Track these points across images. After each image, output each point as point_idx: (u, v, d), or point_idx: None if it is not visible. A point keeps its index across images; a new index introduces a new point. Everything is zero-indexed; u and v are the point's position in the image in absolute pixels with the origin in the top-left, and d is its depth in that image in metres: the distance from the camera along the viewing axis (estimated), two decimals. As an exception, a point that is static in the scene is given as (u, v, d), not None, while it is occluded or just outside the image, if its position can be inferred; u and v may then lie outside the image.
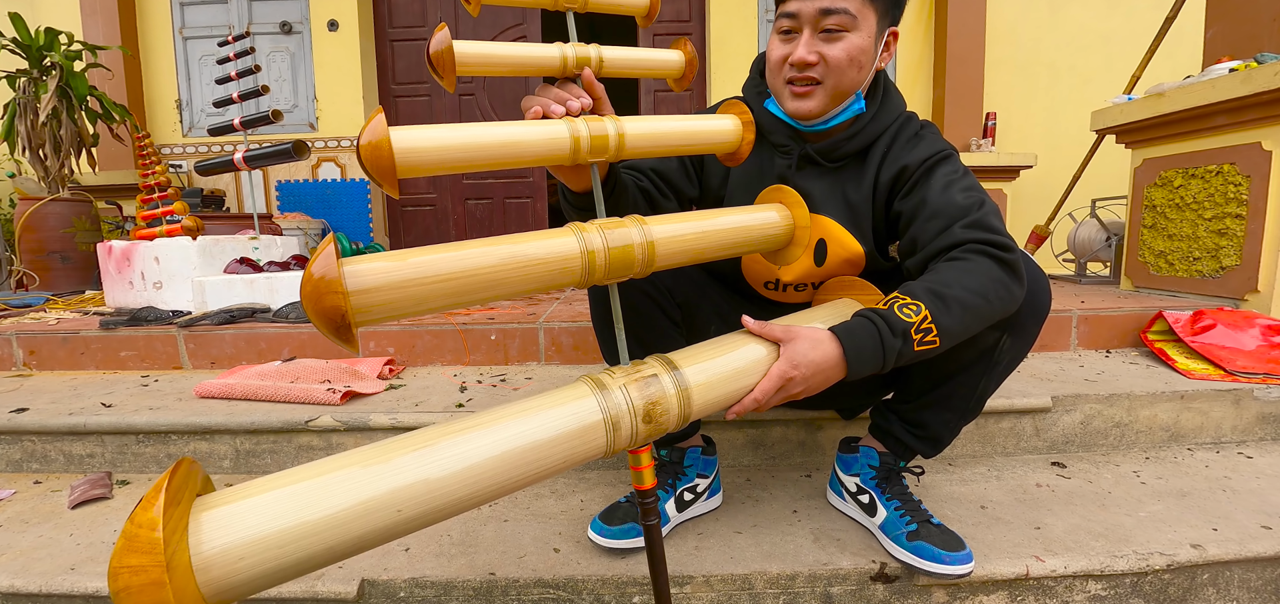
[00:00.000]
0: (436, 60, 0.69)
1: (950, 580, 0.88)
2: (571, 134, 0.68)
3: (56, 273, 2.95)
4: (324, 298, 0.50)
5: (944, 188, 0.85)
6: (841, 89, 0.88)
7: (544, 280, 0.63)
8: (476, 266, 0.59)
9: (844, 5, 0.83)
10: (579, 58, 0.76)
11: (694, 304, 1.01)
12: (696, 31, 3.85)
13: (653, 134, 0.76)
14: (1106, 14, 3.76)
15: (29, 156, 2.94)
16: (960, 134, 3.63)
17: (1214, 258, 1.86)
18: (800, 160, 0.94)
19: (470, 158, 0.63)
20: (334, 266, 0.50)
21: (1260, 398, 1.37)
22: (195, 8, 3.72)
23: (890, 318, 0.74)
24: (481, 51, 0.71)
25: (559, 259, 0.63)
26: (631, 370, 0.66)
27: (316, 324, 0.50)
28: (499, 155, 0.64)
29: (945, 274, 0.77)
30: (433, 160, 0.60)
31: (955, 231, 0.81)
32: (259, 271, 1.95)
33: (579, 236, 0.65)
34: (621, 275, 0.69)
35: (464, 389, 1.47)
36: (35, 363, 1.77)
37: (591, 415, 0.60)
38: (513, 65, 0.73)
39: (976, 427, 1.31)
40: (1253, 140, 1.73)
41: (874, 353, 0.73)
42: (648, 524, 0.71)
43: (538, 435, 0.57)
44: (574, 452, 0.59)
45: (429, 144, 0.60)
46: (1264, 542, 0.97)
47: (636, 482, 0.70)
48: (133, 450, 1.31)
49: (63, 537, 1.05)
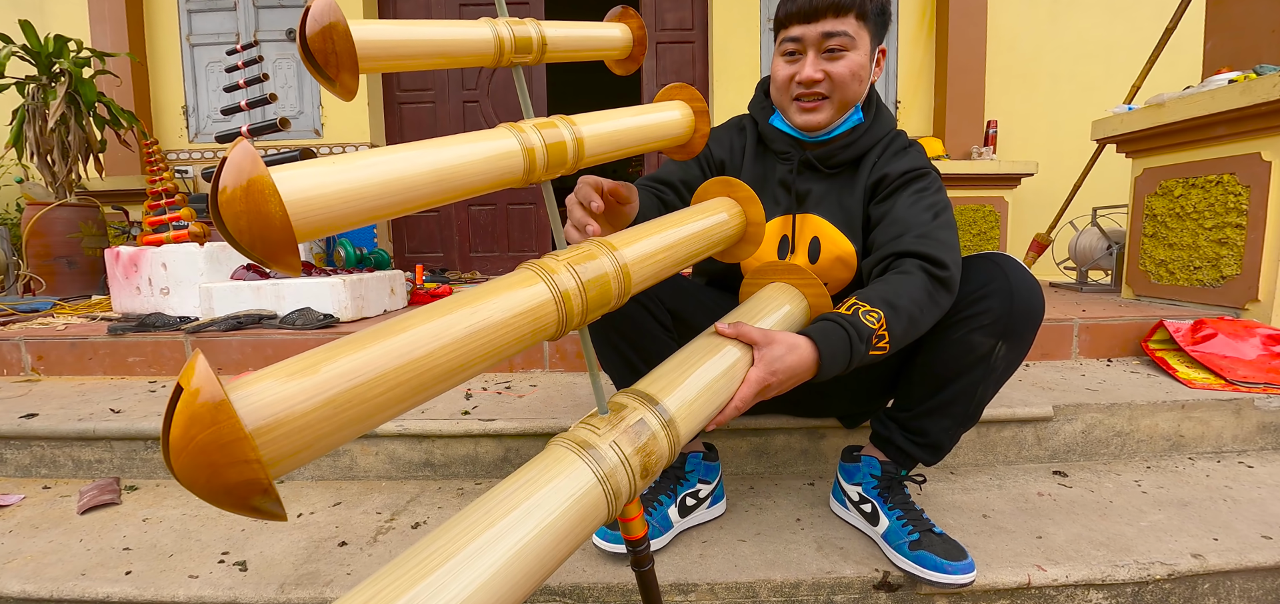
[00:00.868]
0: (318, 49, 0.44)
1: (953, 589, 0.89)
2: (523, 148, 0.54)
3: (63, 278, 2.97)
4: (225, 472, 0.32)
5: (910, 203, 0.94)
6: (846, 101, 0.98)
7: (515, 346, 0.51)
8: (430, 359, 0.44)
9: (843, 28, 0.93)
10: (518, 38, 0.59)
11: (685, 309, 1.02)
12: (699, 40, 3.87)
13: (612, 134, 0.65)
14: (1107, 23, 3.78)
15: (37, 162, 2.96)
16: (961, 142, 3.64)
17: (1215, 267, 1.86)
18: (800, 165, 1.04)
19: (390, 203, 0.44)
20: (227, 416, 0.32)
21: (1261, 407, 1.38)
22: (202, 15, 3.76)
23: (857, 324, 0.80)
24: (392, 36, 0.50)
25: (529, 314, 0.51)
26: (614, 419, 0.58)
27: (229, 508, 0.34)
28: (431, 192, 0.47)
29: (893, 284, 0.85)
30: (344, 212, 0.41)
31: (903, 243, 0.90)
32: (266, 278, 1.96)
33: (548, 280, 0.54)
34: (602, 311, 0.60)
35: (469, 397, 1.48)
36: (43, 368, 1.78)
37: (593, 491, 0.51)
38: (435, 53, 0.54)
39: (978, 435, 1.32)
40: (1252, 151, 1.74)
41: (843, 356, 0.78)
42: (640, 571, 0.68)
43: (555, 533, 0.47)
44: (583, 536, 0.50)
45: (331, 189, 0.40)
46: (1264, 551, 0.98)
47: (625, 533, 0.64)
48: (141, 456, 1.33)
49: (73, 542, 1.06)
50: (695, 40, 3.87)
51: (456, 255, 4.04)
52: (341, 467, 1.30)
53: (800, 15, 0.94)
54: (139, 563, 0.99)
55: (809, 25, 0.93)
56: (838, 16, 0.92)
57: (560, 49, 0.64)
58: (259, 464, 0.32)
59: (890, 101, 3.86)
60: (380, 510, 1.16)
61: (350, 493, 1.23)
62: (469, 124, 3.94)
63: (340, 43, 0.44)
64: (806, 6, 0.92)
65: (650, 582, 0.68)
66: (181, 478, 0.32)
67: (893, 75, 3.85)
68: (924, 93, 3.83)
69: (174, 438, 0.31)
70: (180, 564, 0.99)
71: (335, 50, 0.44)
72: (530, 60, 0.61)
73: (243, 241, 0.35)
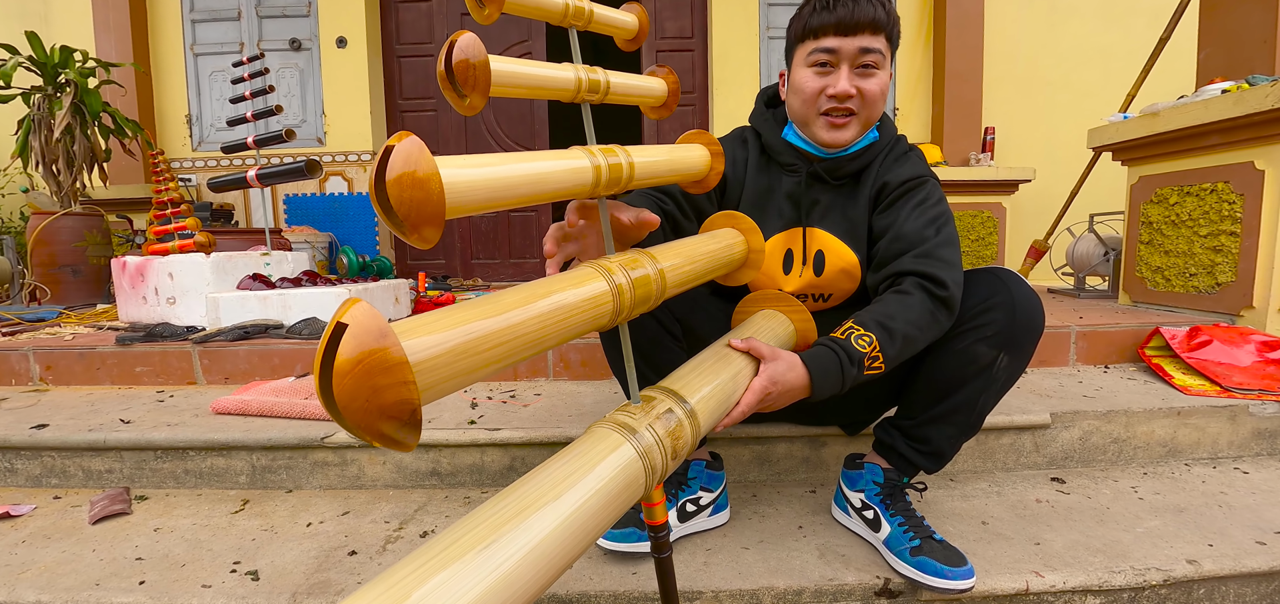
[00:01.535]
0: (462, 73, 0.55)
1: (952, 595, 0.91)
2: (593, 167, 0.68)
3: (68, 286, 2.99)
4: (385, 393, 0.36)
5: (911, 213, 0.96)
6: (871, 120, 0.99)
7: (581, 328, 0.58)
8: (522, 327, 0.51)
9: (877, 45, 0.93)
10: (591, 81, 0.76)
11: (693, 320, 1.05)
12: (699, 49, 3.91)
13: (653, 164, 0.79)
14: (1104, 30, 3.82)
15: (42, 171, 2.99)
16: (960, 149, 3.67)
17: (1210, 274, 1.89)
18: (808, 178, 1.04)
19: (507, 195, 0.54)
20: (394, 341, 0.37)
21: (1256, 413, 1.40)
22: (206, 25, 3.79)
23: (849, 348, 0.84)
24: (512, 70, 0.63)
25: (592, 302, 0.60)
26: (646, 408, 0.67)
27: (369, 435, 0.37)
28: (528, 192, 0.58)
29: (890, 307, 0.88)
30: (480, 198, 0.50)
31: (904, 261, 0.92)
32: (272, 288, 1.98)
33: (607, 278, 0.63)
34: (642, 309, 0.71)
35: (475, 406, 1.49)
36: (52, 378, 1.80)
37: (634, 464, 0.58)
38: (537, 86, 0.69)
39: (978, 443, 1.34)
40: (1245, 160, 1.76)
41: (835, 379, 0.83)
42: (660, 557, 0.72)
43: (597, 501, 0.52)
44: (625, 504, 0.56)
45: (473, 180, 0.49)
46: (1259, 557, 1.00)
47: (649, 517, 0.70)
48: (151, 465, 1.34)
49: (85, 552, 1.08)
50: (695, 48, 3.90)
51: (458, 262, 4.07)
52: (349, 476, 1.31)
53: (838, 27, 0.92)
54: (152, 573, 1.01)
55: (847, 39, 0.92)
56: (874, 33, 0.92)
57: (619, 93, 0.80)
58: (414, 387, 0.38)
59: (889, 108, 3.89)
60: (388, 519, 1.17)
61: (358, 502, 1.25)
62: (470, 132, 3.97)
63: (480, 72, 0.57)
64: (848, 18, 0.91)
65: (668, 568, 0.73)
66: (341, 399, 0.35)
67: (891, 82, 3.88)
68: (922, 100, 3.86)
69: (341, 362, 0.35)
70: (192, 574, 1.00)
71: (475, 76, 0.57)
72: (596, 99, 0.77)
73: (400, 214, 0.43)
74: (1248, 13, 1.97)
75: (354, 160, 3.81)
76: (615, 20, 0.83)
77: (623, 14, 0.85)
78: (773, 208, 1.06)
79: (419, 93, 3.96)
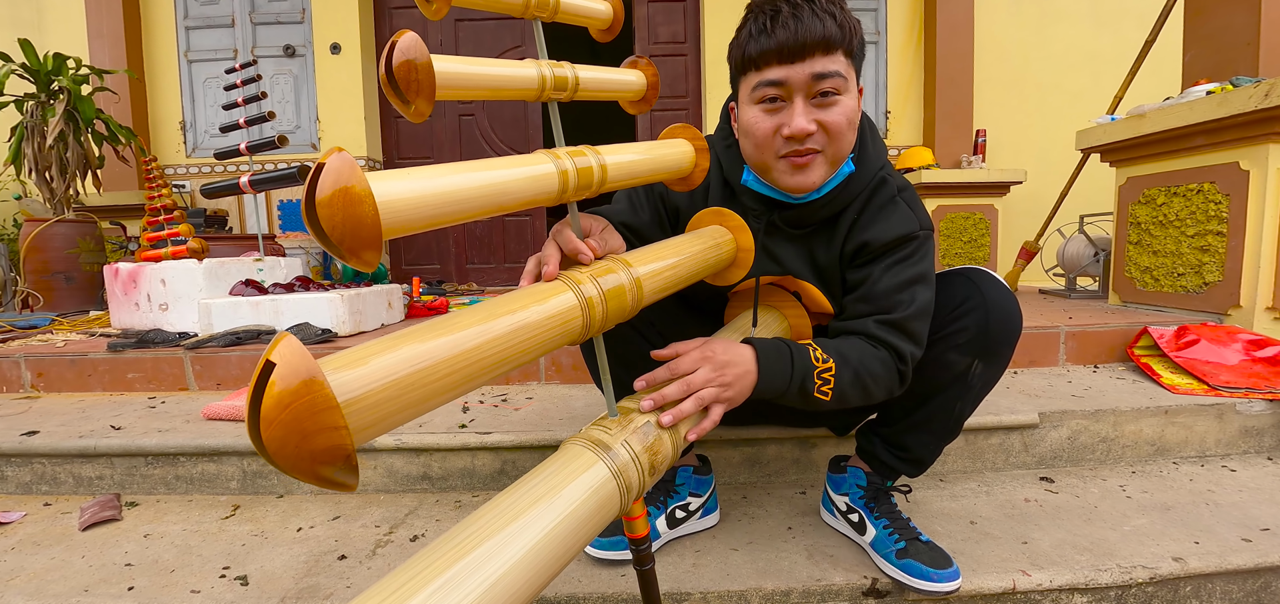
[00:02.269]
0: (403, 76, 0.52)
1: (939, 596, 0.91)
2: (558, 172, 0.62)
3: (61, 293, 2.98)
4: (314, 439, 0.34)
5: (885, 272, 0.87)
6: (840, 155, 0.83)
7: (548, 345, 0.57)
8: (478, 352, 0.48)
9: (834, 67, 0.77)
10: (557, 78, 0.69)
11: (668, 328, 1.03)
12: (692, 54, 3.92)
13: (629, 164, 0.72)
14: (1093, 33, 3.86)
15: (35, 178, 2.99)
16: (951, 151, 3.70)
17: (1197, 273, 1.90)
18: (768, 227, 0.93)
19: (455, 211, 0.50)
20: (321, 385, 0.35)
21: (1243, 412, 1.41)
22: (200, 32, 3.79)
23: (805, 354, 0.81)
24: (462, 70, 0.59)
25: (559, 319, 0.57)
26: (623, 422, 0.65)
27: (308, 479, 0.35)
28: (484, 204, 0.53)
29: (856, 347, 0.85)
30: (425, 216, 0.47)
31: (868, 325, 0.86)
32: (264, 294, 1.98)
33: (576, 290, 0.60)
34: (619, 320, 0.66)
35: (466, 410, 1.50)
36: (43, 385, 1.80)
37: (608, 484, 0.57)
38: (492, 86, 0.63)
39: (967, 443, 1.34)
40: (1231, 160, 1.78)
41: (782, 372, 0.80)
42: (642, 570, 0.71)
43: (573, 523, 0.51)
44: (599, 526, 0.56)
45: (412, 196, 0.46)
46: (1244, 554, 1.00)
47: (629, 531, 0.68)
48: (141, 472, 1.34)
49: (75, 558, 1.08)
50: (688, 53, 3.92)
51: (453, 267, 4.07)
52: (340, 481, 1.31)
53: (781, 53, 0.76)
54: (141, 578, 1.01)
55: (794, 66, 0.76)
56: (828, 52, 0.76)
57: (590, 89, 0.73)
58: (346, 431, 0.35)
59: (880, 113, 3.91)
60: (379, 524, 1.18)
61: (349, 506, 1.25)
62: (464, 137, 3.97)
63: (423, 75, 0.53)
64: (791, 41, 0.75)
65: (651, 580, 0.72)
66: (270, 447, 0.33)
67: (882, 87, 3.91)
68: (914, 104, 3.89)
69: (267, 408, 0.33)
70: (182, 580, 1.00)
71: (418, 80, 0.53)
72: (564, 97, 0.71)
73: (334, 238, 0.40)
74: (1231, 15, 1.99)
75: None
76: (586, 9, 0.76)
77: (595, 2, 0.78)
78: (704, 210, 0.96)
79: (413, 98, 3.96)
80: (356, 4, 3.70)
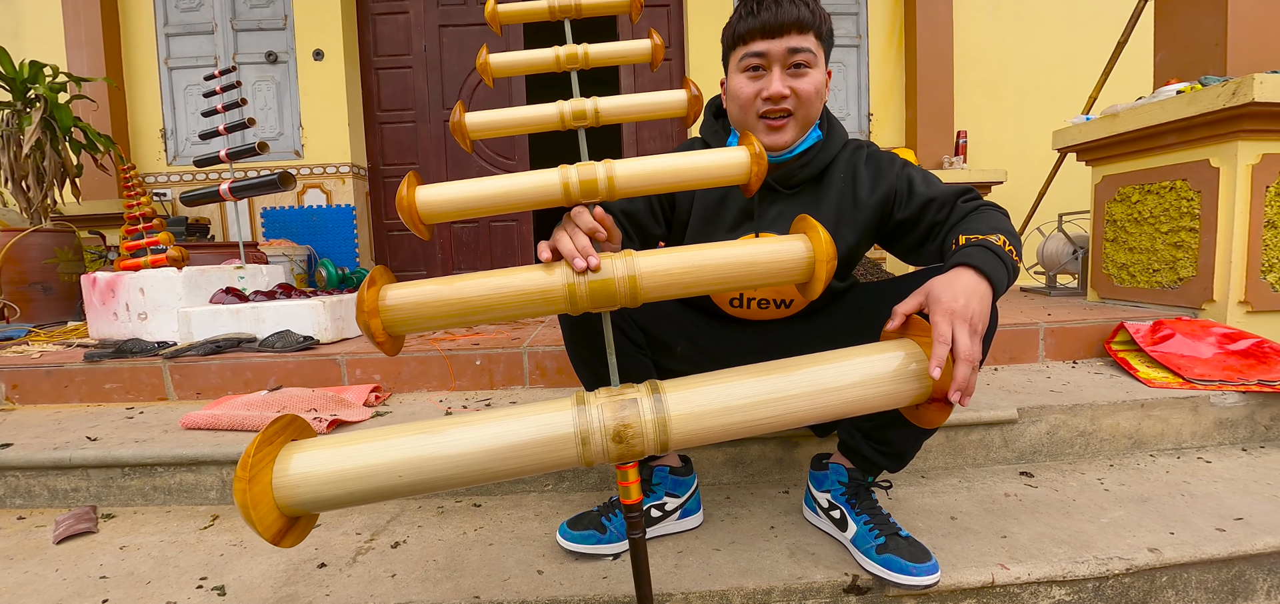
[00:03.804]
0: (453, 130, 0.86)
1: (918, 591, 0.92)
2: (562, 181, 0.73)
3: (38, 304, 2.93)
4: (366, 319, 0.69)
5: (924, 182, 1.01)
6: (809, 119, 0.99)
7: (535, 307, 0.72)
8: (473, 294, 0.72)
9: (806, 45, 0.94)
10: (576, 112, 0.83)
11: (657, 326, 1.04)
12: (676, 58, 3.95)
13: (644, 174, 0.76)
14: (1068, 36, 3.93)
15: (11, 188, 2.93)
16: (933, 152, 3.75)
17: (1172, 269, 1.94)
18: (763, 189, 1.03)
19: (475, 207, 0.75)
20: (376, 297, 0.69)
21: (1217, 404, 1.43)
22: (181, 39, 3.75)
23: (989, 244, 0.82)
24: (489, 119, 0.84)
25: (542, 289, 0.71)
26: (614, 393, 0.68)
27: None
28: (497, 204, 0.75)
29: (981, 216, 0.91)
30: (450, 209, 0.75)
31: (959, 206, 0.97)
32: (245, 301, 1.96)
33: (563, 271, 0.71)
34: (607, 306, 0.71)
35: (449, 415, 1.49)
36: (18, 397, 1.76)
37: (564, 427, 0.65)
38: (518, 126, 0.82)
39: (947, 439, 1.36)
40: (1201, 158, 1.82)
41: (997, 267, 0.79)
42: (633, 538, 0.72)
43: (515, 437, 0.65)
44: (545, 456, 0.65)
45: (446, 198, 0.75)
46: (1218, 544, 1.02)
47: (624, 496, 0.72)
48: (118, 483, 1.32)
49: (48, 572, 1.06)
50: (672, 58, 3.94)
51: (439, 272, 4.05)
52: (322, 489, 1.30)
53: (764, 30, 0.93)
54: (116, 591, 0.99)
55: (774, 41, 0.93)
56: (801, 33, 0.93)
57: (613, 114, 0.89)
58: None
59: (863, 115, 3.96)
60: (360, 531, 1.16)
61: (330, 514, 1.24)
62: (449, 143, 3.96)
63: (459, 127, 0.83)
64: (772, 21, 0.92)
65: (641, 549, 0.74)
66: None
67: (865, 89, 3.95)
68: (896, 106, 3.94)
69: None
70: (158, 591, 0.99)
71: (461, 131, 0.84)
72: (587, 123, 0.86)
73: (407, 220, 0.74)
74: (1199, 16, 2.03)
75: (332, 172, 3.79)
76: (619, 52, 0.93)
77: (626, 46, 0.92)
78: (724, 219, 1.04)
79: (397, 104, 3.95)
80: (339, 10, 3.68)
